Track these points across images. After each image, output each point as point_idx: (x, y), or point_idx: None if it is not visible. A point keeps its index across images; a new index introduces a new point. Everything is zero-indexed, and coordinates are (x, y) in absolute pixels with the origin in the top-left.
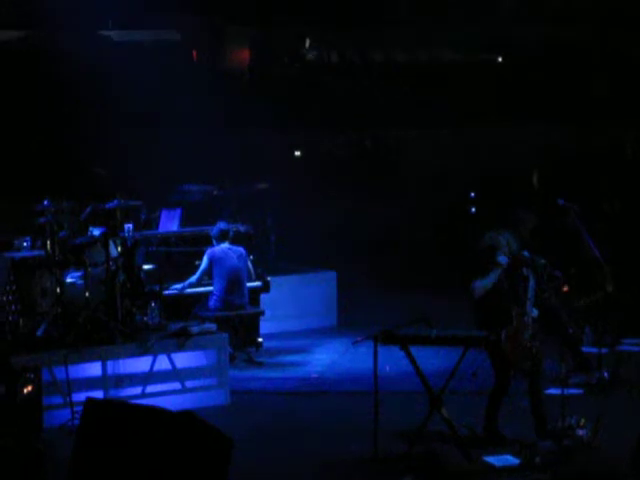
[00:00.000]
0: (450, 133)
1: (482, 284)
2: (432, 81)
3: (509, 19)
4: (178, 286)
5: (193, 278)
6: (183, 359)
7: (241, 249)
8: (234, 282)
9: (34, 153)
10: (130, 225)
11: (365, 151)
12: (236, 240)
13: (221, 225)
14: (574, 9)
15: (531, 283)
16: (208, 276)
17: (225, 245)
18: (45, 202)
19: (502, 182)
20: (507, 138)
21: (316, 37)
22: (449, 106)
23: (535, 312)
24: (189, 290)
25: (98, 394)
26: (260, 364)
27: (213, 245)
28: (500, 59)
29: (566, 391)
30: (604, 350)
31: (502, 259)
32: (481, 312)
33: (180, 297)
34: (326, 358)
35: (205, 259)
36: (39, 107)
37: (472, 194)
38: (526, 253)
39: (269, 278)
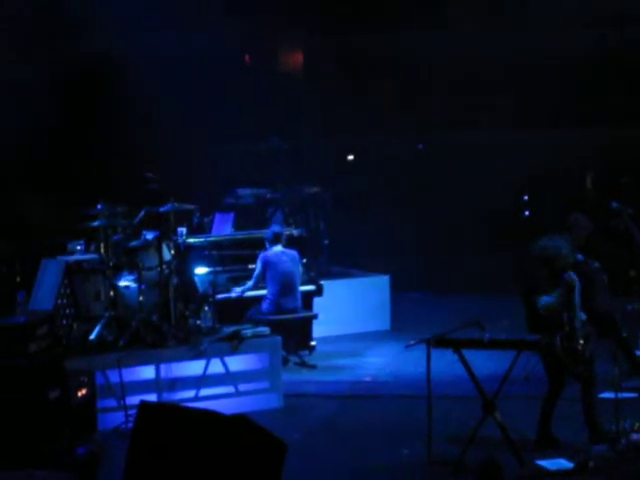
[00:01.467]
0: (504, 135)
1: (549, 302)
2: (488, 82)
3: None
4: (238, 289)
5: (249, 284)
6: (236, 362)
7: (294, 252)
8: (287, 286)
9: (88, 157)
10: (183, 229)
11: (418, 153)
12: (289, 244)
13: (275, 228)
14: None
15: (578, 287)
16: (261, 280)
17: (278, 248)
18: (99, 206)
19: (555, 185)
20: (560, 140)
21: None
22: (503, 108)
23: (583, 316)
24: (240, 292)
25: (151, 397)
26: (313, 367)
27: (266, 248)
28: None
29: (620, 395)
30: None
31: (571, 276)
32: (534, 316)
33: (233, 300)
34: (379, 361)
35: (258, 263)
36: (95, 112)
37: (525, 197)
38: (580, 257)
39: (322, 282)
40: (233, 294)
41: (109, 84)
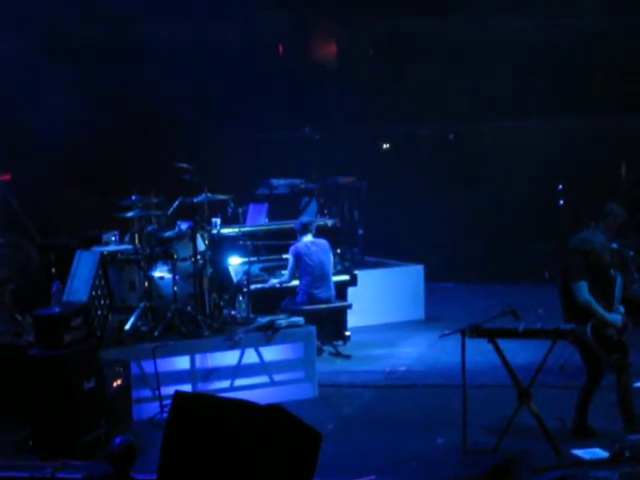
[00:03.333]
0: (537, 123)
1: (588, 300)
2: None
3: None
4: (274, 281)
5: (285, 277)
6: (271, 352)
7: (324, 241)
8: (319, 276)
9: (123, 148)
10: (217, 219)
11: (452, 142)
12: (324, 234)
13: (303, 219)
14: None
15: (619, 281)
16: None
17: (308, 239)
18: (133, 197)
19: (590, 173)
20: (594, 128)
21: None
22: (535, 95)
23: (622, 309)
24: (275, 282)
25: (186, 387)
26: (347, 357)
27: (296, 240)
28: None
29: None
30: None
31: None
32: (570, 305)
33: (267, 291)
34: (413, 351)
35: (290, 257)
36: (129, 104)
37: (560, 186)
38: (614, 245)
39: (356, 272)
40: (267, 286)
41: (143, 73)
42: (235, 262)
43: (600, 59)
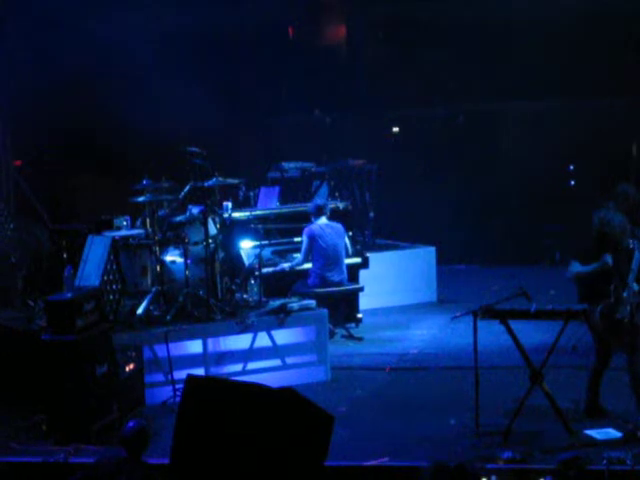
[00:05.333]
0: (548, 104)
1: (577, 270)
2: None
3: None
4: (287, 265)
5: (299, 259)
6: (283, 336)
7: (339, 225)
8: (333, 259)
9: (133, 132)
10: (229, 203)
11: (463, 124)
12: (335, 217)
13: (317, 201)
14: None
15: (637, 255)
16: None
17: (322, 221)
18: (144, 181)
19: (601, 154)
20: (606, 108)
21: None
22: (546, 76)
23: (636, 287)
24: (286, 266)
25: (199, 371)
26: (359, 340)
27: (311, 222)
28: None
29: None
30: None
31: (607, 259)
32: (583, 285)
33: (279, 274)
34: (426, 333)
35: (305, 238)
36: (143, 87)
37: (571, 167)
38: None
39: (368, 254)
40: (279, 269)
41: (153, 58)
42: (246, 246)
43: (612, 38)
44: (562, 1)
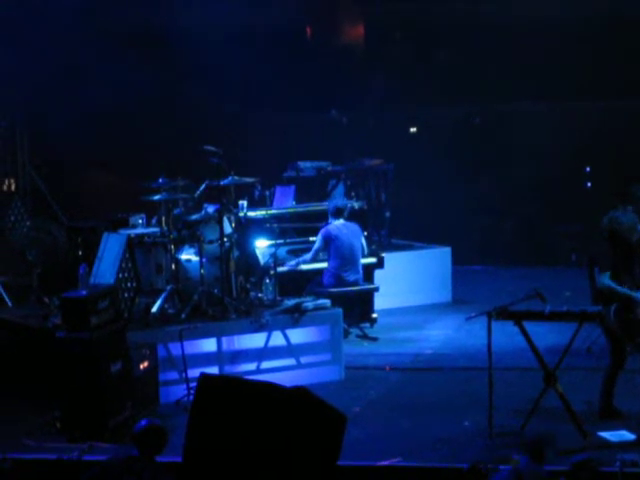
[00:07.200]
0: (565, 105)
1: (610, 286)
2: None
3: None
4: (292, 262)
5: (307, 256)
6: (297, 335)
7: (356, 225)
8: (349, 259)
9: (150, 131)
10: (244, 202)
11: (480, 124)
12: (351, 217)
13: (337, 202)
14: None
15: None
16: (322, 253)
17: (340, 222)
18: (160, 180)
19: (617, 155)
20: (622, 110)
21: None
22: (561, 76)
23: None
24: (304, 266)
25: (213, 370)
26: (374, 340)
27: (328, 222)
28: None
29: None
30: None
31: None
32: (597, 287)
33: (294, 273)
34: (440, 334)
35: (320, 238)
36: (160, 87)
37: (587, 168)
38: None
39: (383, 254)
40: (286, 267)
41: (173, 57)
42: (262, 245)
43: (631, 40)
44: (581, 2)
